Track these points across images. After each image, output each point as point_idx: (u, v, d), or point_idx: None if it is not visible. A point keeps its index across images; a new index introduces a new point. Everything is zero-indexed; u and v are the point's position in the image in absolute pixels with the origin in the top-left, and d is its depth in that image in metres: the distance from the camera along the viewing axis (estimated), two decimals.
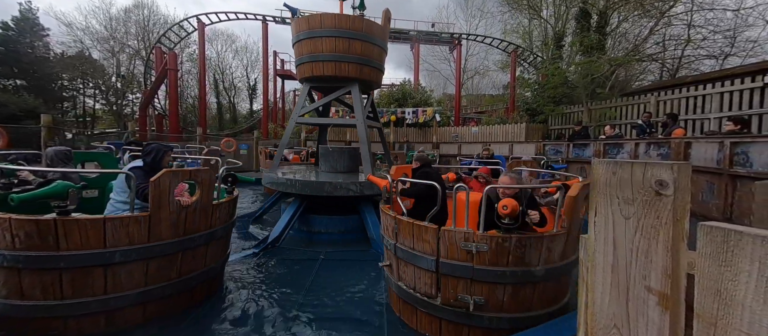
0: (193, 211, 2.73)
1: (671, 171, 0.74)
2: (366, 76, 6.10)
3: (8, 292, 2.27)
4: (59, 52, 25.43)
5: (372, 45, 6.04)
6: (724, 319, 0.63)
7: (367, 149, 5.96)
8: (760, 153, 3.77)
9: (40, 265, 2.25)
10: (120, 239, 2.41)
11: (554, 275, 2.47)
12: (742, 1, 13.33)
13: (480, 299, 2.34)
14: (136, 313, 2.60)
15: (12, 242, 2.21)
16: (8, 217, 2.20)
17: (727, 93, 7.92)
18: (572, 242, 2.49)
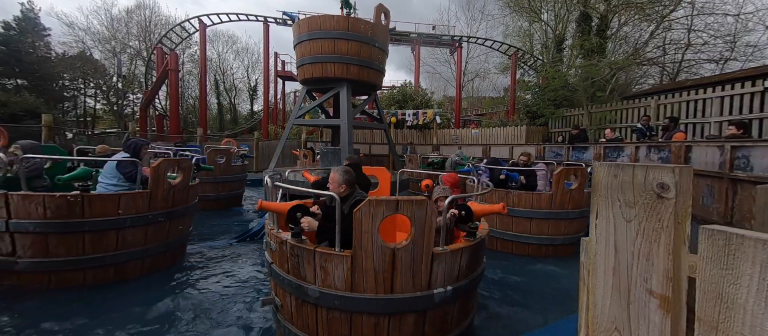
0: (179, 189, 3.64)
1: (673, 174, 0.74)
2: (366, 77, 6.13)
3: (33, 253, 2.98)
4: (60, 52, 25.48)
5: (373, 47, 6.08)
6: (726, 323, 0.63)
7: (351, 150, 6.03)
8: (761, 157, 3.77)
9: (69, 229, 3.00)
10: (129, 209, 3.21)
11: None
12: (742, 6, 13.38)
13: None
14: (136, 266, 3.43)
15: (44, 213, 2.93)
16: (42, 195, 2.94)
17: (728, 97, 7.94)
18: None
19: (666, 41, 14.69)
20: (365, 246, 1.74)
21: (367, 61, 6.10)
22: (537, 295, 3.47)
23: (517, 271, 4.09)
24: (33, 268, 2.99)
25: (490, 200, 4.32)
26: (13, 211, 2.92)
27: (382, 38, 6.31)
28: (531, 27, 17.85)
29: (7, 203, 2.92)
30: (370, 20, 6.21)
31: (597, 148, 7.60)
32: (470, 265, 2.08)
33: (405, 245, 1.76)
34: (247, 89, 34.57)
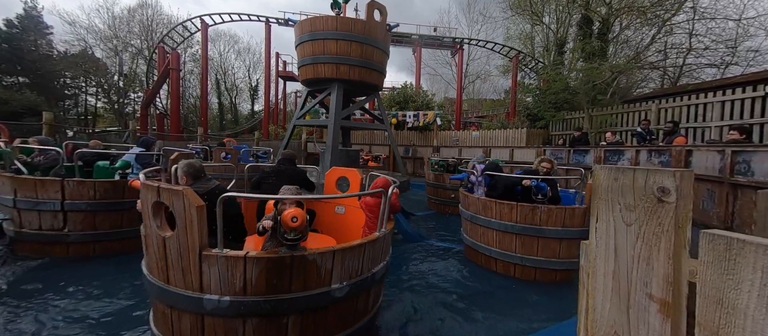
0: None
1: (674, 178, 0.74)
2: (358, 76, 6.10)
3: (82, 227, 3.83)
4: (62, 51, 25.55)
5: (366, 45, 6.04)
6: (726, 328, 0.62)
7: (337, 151, 6.01)
8: (762, 162, 3.76)
9: (112, 208, 3.92)
10: None
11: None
12: (743, 11, 13.40)
13: None
14: None
15: (94, 195, 3.80)
16: (93, 181, 3.82)
17: (728, 102, 7.94)
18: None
19: (667, 45, 14.70)
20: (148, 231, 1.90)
21: (359, 60, 5.89)
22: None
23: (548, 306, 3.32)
24: (81, 239, 3.80)
25: (508, 217, 3.78)
26: (68, 194, 3.69)
27: (378, 37, 5.99)
28: (532, 30, 17.88)
29: (63, 188, 3.69)
30: (364, 19, 6.10)
31: (598, 151, 7.59)
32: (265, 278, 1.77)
33: (169, 236, 1.74)
34: (248, 89, 34.66)
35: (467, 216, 4.32)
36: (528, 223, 3.70)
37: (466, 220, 4.38)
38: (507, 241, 3.88)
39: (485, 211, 3.99)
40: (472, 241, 4.30)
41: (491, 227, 3.91)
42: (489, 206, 3.95)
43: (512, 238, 3.82)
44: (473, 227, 4.24)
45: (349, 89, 6.46)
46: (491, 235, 4.01)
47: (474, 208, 4.19)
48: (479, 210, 4.09)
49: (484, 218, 3.98)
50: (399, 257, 4.53)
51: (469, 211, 4.28)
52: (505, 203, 3.79)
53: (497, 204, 3.83)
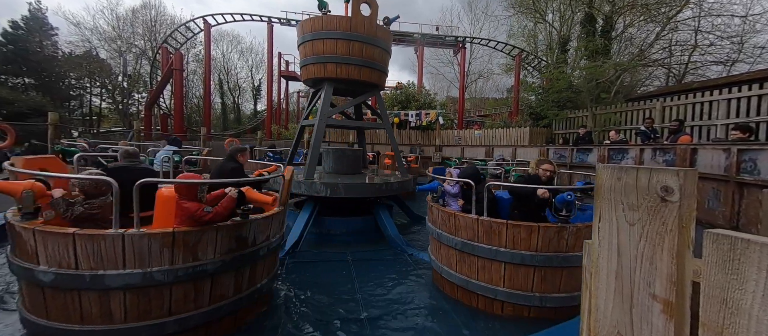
0: None
1: (677, 177, 0.73)
2: (345, 74, 6.03)
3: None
4: (67, 52, 25.76)
5: (363, 44, 5.98)
6: (730, 329, 0.62)
7: (317, 150, 5.96)
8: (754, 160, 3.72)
9: None
10: None
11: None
12: (749, 8, 13.23)
13: None
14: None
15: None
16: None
17: (734, 99, 7.85)
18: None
19: (672, 43, 14.55)
20: None
21: (350, 58, 5.69)
22: None
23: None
24: None
25: (528, 242, 2.84)
26: None
27: (373, 33, 5.72)
28: (535, 28, 17.78)
29: None
30: (366, 17, 5.92)
31: (601, 150, 7.54)
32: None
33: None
34: (250, 89, 34.77)
35: (454, 243, 3.16)
36: (553, 251, 2.78)
37: (451, 247, 3.23)
38: (521, 276, 2.87)
39: (488, 236, 2.93)
40: (463, 277, 3.14)
41: (498, 259, 2.88)
42: (495, 229, 2.89)
43: (529, 271, 2.85)
44: (464, 259, 3.13)
45: (344, 88, 6.40)
46: (496, 270, 2.95)
47: (468, 233, 3.05)
48: (477, 235, 2.98)
49: (486, 247, 2.93)
50: (372, 266, 4.20)
51: (459, 236, 3.13)
52: (521, 225, 2.81)
53: (509, 227, 2.82)
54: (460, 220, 3.15)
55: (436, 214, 3.51)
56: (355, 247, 4.89)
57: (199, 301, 2.34)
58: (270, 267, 2.99)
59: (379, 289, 3.64)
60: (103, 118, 30.09)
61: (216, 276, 2.39)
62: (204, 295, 2.36)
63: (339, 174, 6.19)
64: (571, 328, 2.31)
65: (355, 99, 6.64)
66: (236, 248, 2.48)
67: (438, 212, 3.45)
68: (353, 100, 6.70)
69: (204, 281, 2.34)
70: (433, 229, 3.56)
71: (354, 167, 6.37)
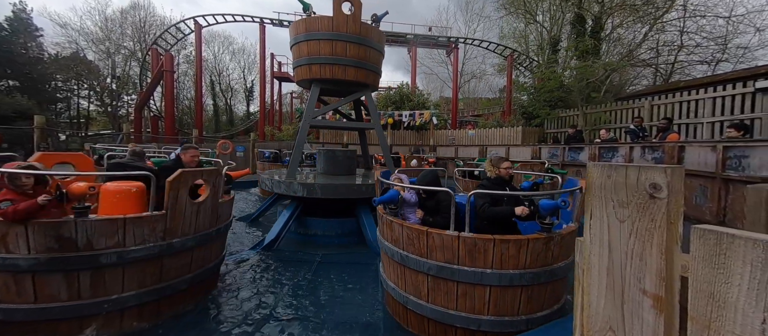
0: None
1: (665, 174, 0.75)
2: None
3: None
4: (53, 53, 25.19)
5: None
6: (718, 322, 0.63)
7: (299, 150, 5.97)
8: (752, 157, 3.82)
9: None
10: None
11: None
12: (732, 9, 13.60)
13: None
14: None
15: None
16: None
17: (720, 98, 8.06)
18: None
19: (659, 43, 14.88)
20: None
21: (331, 58, 5.62)
22: None
23: None
24: None
25: (516, 259, 2.39)
26: None
27: (354, 31, 5.58)
28: (526, 28, 18.00)
29: None
30: (348, 16, 5.80)
31: (592, 148, 7.66)
32: None
33: None
34: (243, 90, 34.44)
35: (427, 268, 2.51)
36: (540, 266, 2.42)
37: (422, 273, 2.57)
38: (508, 299, 2.43)
39: (472, 257, 2.38)
40: (439, 309, 2.54)
41: (483, 283, 2.38)
42: (480, 248, 2.35)
43: (516, 293, 2.43)
44: (440, 286, 2.51)
45: (334, 89, 6.37)
46: (480, 296, 2.42)
47: (446, 254, 2.44)
48: (458, 256, 2.41)
49: (470, 270, 2.37)
50: (339, 269, 4.05)
51: (434, 259, 2.50)
52: (510, 240, 2.36)
53: (497, 243, 2.35)
54: (434, 239, 2.46)
55: (396, 230, 2.71)
56: (333, 249, 4.87)
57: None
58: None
59: (326, 296, 3.40)
60: (92, 121, 29.47)
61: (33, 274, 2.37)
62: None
63: (331, 175, 6.17)
64: (565, 325, 2.34)
65: (343, 99, 6.60)
66: (57, 249, 2.37)
67: (400, 229, 2.67)
68: (341, 100, 6.66)
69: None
70: (391, 248, 2.77)
71: (346, 168, 6.33)
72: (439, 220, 2.79)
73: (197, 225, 2.93)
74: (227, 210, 3.51)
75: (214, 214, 3.17)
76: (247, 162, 13.88)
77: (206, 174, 3.03)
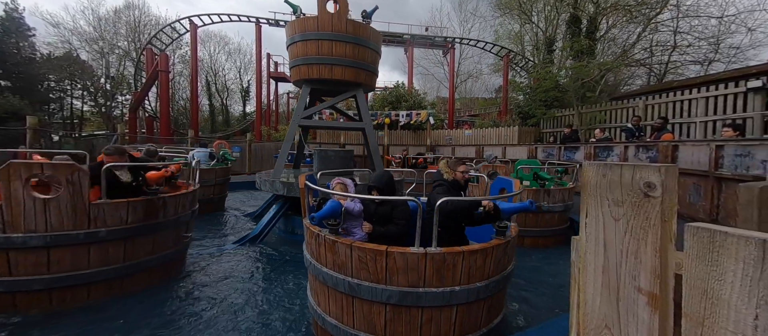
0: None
1: (659, 173, 0.75)
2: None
3: None
4: (46, 53, 24.87)
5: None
6: (711, 318, 0.64)
7: (287, 150, 6.05)
8: (744, 156, 3.88)
9: None
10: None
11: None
12: (725, 9, 13.77)
13: None
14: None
15: None
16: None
17: (712, 97, 8.15)
18: None
19: (653, 43, 15.04)
20: None
21: (317, 57, 5.59)
22: None
23: None
24: None
25: (482, 270, 2.16)
26: None
27: (340, 30, 5.46)
28: (522, 29, 18.10)
29: None
30: (333, 14, 5.71)
31: (588, 147, 7.72)
32: None
33: None
34: (239, 90, 34.25)
35: (387, 296, 2.07)
36: (499, 273, 2.30)
37: (378, 303, 2.12)
38: (472, 316, 2.22)
39: (440, 276, 2.05)
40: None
41: (452, 303, 2.11)
42: (449, 263, 2.04)
43: (480, 307, 2.24)
44: (402, 316, 2.11)
45: (325, 89, 6.36)
46: (447, 319, 2.14)
47: (411, 276, 2.05)
48: (425, 278, 2.04)
49: (438, 291, 2.05)
50: (303, 271, 3.87)
51: (395, 285, 2.06)
52: (478, 250, 2.10)
53: (466, 256, 2.06)
54: (396, 260, 2.01)
55: (342, 253, 2.15)
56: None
57: None
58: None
59: (272, 297, 3.34)
60: (86, 122, 29.14)
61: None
62: None
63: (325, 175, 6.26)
64: (561, 324, 2.36)
65: (332, 99, 6.58)
66: None
67: (348, 251, 2.12)
68: (330, 100, 6.64)
69: None
70: (333, 276, 2.21)
71: (341, 168, 6.36)
72: (393, 231, 2.46)
73: (50, 223, 2.75)
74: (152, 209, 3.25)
75: (83, 215, 2.86)
76: (244, 162, 13.81)
77: (50, 168, 2.76)
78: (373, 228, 2.51)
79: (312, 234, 2.39)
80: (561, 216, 5.33)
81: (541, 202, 5.08)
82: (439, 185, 2.61)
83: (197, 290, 3.43)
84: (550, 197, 5.15)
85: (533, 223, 5.18)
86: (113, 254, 3.05)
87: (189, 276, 3.75)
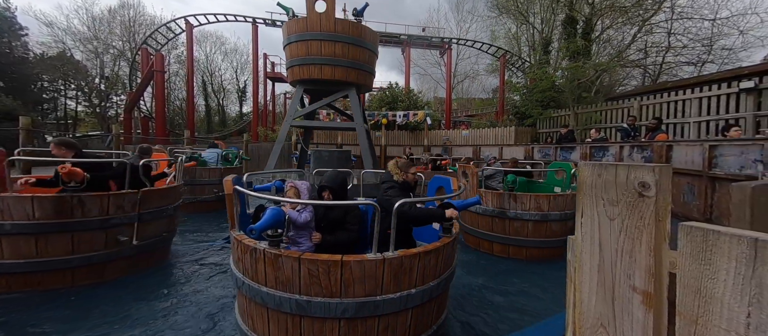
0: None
1: (653, 173, 0.76)
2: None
3: None
4: (39, 53, 24.59)
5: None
6: (705, 316, 0.65)
7: (278, 150, 6.10)
8: (736, 155, 3.92)
9: None
10: None
11: None
12: (717, 11, 13.94)
13: None
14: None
15: None
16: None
17: (705, 98, 8.25)
18: None
19: (647, 44, 15.18)
20: None
21: (307, 58, 5.58)
22: None
23: None
24: None
25: (435, 269, 2.17)
26: None
27: (328, 29, 5.41)
28: (518, 30, 18.19)
29: None
30: (321, 15, 5.67)
31: (583, 147, 7.77)
32: None
33: None
34: (235, 91, 34.09)
35: (340, 311, 1.93)
36: (446, 269, 2.30)
37: (331, 319, 1.95)
38: (425, 317, 2.22)
39: (397, 281, 2.00)
40: None
41: (408, 306, 2.07)
42: (406, 267, 2.01)
43: (432, 306, 2.30)
44: (357, 328, 1.98)
45: (319, 89, 6.36)
46: (402, 323, 2.09)
47: (369, 285, 1.93)
48: (382, 285, 1.97)
49: (396, 297, 1.99)
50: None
51: (351, 297, 1.93)
52: (431, 250, 2.12)
53: (422, 257, 2.06)
54: (352, 270, 1.87)
55: (287, 268, 1.90)
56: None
57: None
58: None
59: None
60: (80, 122, 28.84)
61: None
62: None
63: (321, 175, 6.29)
64: (557, 323, 2.37)
65: (323, 100, 6.59)
66: None
67: (295, 265, 1.88)
68: (321, 100, 6.63)
69: None
70: (275, 297, 1.94)
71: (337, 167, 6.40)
72: (344, 239, 2.29)
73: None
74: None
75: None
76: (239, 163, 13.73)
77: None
78: (322, 237, 2.26)
79: (246, 249, 2.02)
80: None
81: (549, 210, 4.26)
82: (391, 187, 2.51)
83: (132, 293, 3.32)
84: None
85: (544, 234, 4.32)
86: (25, 249, 3.05)
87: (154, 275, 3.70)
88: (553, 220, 4.27)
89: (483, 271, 4.06)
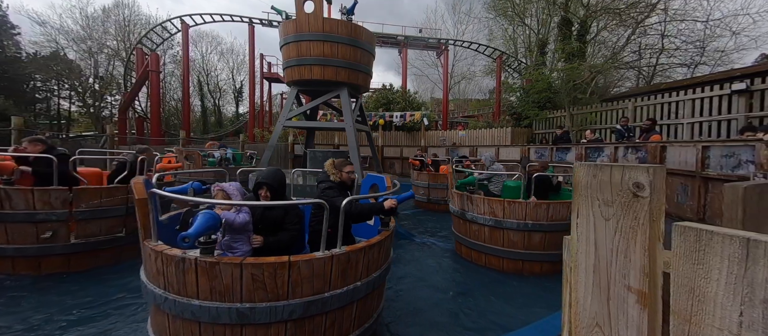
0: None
1: (647, 173, 0.77)
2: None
3: None
4: (32, 52, 24.28)
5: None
6: (698, 315, 0.65)
7: (271, 150, 6.10)
8: (728, 156, 3.98)
9: None
10: None
11: None
12: (710, 14, 14.13)
13: None
14: None
15: None
16: None
17: (699, 99, 8.35)
18: None
19: (641, 46, 15.35)
20: None
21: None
22: None
23: None
24: None
25: (378, 261, 2.30)
26: None
27: (317, 29, 5.37)
28: (514, 31, 18.31)
29: None
30: (309, 15, 5.68)
31: (579, 148, 7.83)
32: None
33: None
34: (232, 91, 33.91)
35: (291, 311, 1.87)
36: (380, 267, 2.36)
37: (272, 324, 1.86)
38: (368, 304, 2.31)
39: (344, 277, 2.07)
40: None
41: (355, 298, 2.14)
42: (353, 262, 2.08)
43: (375, 295, 2.44)
44: (302, 328, 1.93)
45: (316, 89, 6.36)
46: (349, 314, 2.14)
47: (316, 284, 1.93)
48: (330, 282, 2.00)
49: (343, 291, 2.05)
50: None
51: (299, 297, 1.88)
52: (374, 244, 2.22)
53: (366, 252, 2.16)
54: (301, 270, 1.83)
55: (227, 275, 1.74)
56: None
57: None
58: None
59: None
60: (74, 122, 28.51)
61: None
62: None
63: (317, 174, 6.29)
64: (553, 322, 2.38)
65: (314, 100, 6.58)
66: None
67: (233, 271, 1.75)
68: (313, 101, 6.62)
69: None
70: (203, 307, 1.76)
71: None
72: (285, 239, 2.22)
73: None
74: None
75: None
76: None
77: None
78: (263, 239, 2.16)
79: (169, 260, 1.78)
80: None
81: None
82: (329, 187, 2.51)
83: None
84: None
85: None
86: None
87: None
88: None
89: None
